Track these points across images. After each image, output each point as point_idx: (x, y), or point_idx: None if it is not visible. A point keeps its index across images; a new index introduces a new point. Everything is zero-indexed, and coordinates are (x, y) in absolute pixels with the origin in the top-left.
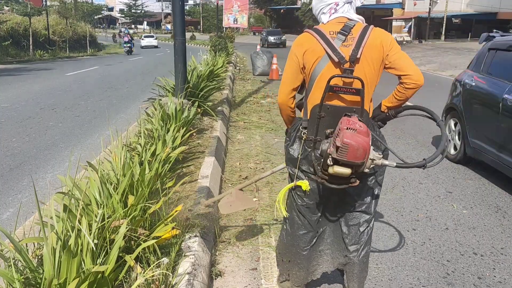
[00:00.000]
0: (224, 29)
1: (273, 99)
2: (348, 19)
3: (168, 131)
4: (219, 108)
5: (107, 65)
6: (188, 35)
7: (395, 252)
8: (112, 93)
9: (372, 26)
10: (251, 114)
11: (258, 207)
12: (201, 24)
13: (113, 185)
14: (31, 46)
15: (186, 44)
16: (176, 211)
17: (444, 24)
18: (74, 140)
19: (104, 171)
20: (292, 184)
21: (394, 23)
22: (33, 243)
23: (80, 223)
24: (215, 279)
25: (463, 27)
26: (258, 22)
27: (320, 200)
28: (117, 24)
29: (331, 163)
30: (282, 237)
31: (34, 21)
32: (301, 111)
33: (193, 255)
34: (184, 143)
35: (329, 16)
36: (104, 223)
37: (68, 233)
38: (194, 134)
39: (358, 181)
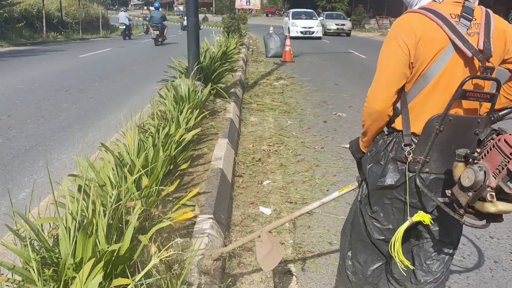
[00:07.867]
0: (236, 10)
1: (286, 81)
2: None
3: (181, 112)
4: (232, 90)
5: (120, 47)
6: (200, 16)
7: None
8: (125, 75)
9: (489, 10)
10: (264, 96)
11: (272, 189)
12: (214, 6)
13: (127, 166)
14: (44, 28)
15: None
16: (195, 193)
17: None
18: (88, 121)
19: (118, 152)
20: (408, 223)
21: None
22: (49, 223)
23: (94, 203)
24: (229, 260)
25: None
26: (271, 3)
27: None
28: (129, 6)
29: (491, 199)
30: (348, 278)
31: (47, 2)
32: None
33: (207, 236)
34: (197, 125)
35: None
36: (119, 204)
37: (83, 214)
38: (207, 115)
39: None
